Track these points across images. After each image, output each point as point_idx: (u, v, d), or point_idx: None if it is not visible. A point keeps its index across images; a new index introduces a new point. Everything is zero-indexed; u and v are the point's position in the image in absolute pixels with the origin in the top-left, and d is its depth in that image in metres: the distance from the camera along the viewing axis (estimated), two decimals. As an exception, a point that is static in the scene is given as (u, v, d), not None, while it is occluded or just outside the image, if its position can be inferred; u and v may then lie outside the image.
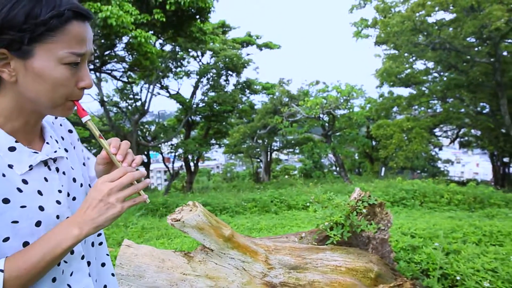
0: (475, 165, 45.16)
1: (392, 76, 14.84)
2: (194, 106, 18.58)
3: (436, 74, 17.23)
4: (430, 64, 16.80)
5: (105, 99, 16.23)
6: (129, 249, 2.10)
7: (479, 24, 11.61)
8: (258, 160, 28.71)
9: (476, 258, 2.80)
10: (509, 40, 14.36)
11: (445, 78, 16.37)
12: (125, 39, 9.69)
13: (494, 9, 10.77)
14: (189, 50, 16.61)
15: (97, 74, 14.20)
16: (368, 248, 3.00)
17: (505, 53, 15.03)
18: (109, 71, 12.27)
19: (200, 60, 18.75)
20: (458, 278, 2.62)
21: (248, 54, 19.78)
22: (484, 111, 16.43)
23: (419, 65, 16.78)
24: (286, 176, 25.20)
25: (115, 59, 11.34)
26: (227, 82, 19.02)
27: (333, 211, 2.63)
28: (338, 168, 16.60)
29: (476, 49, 14.55)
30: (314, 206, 2.86)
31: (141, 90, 17.31)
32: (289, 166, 36.24)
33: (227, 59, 17.03)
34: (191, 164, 20.91)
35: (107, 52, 10.81)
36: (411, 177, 17.58)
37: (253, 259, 2.28)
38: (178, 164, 23.09)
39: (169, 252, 2.19)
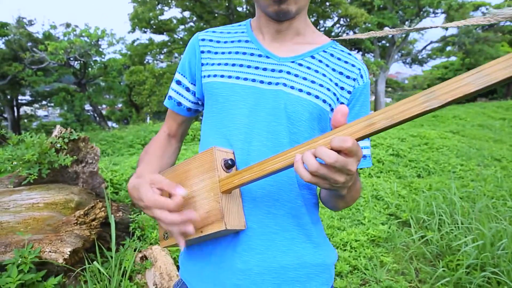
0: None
1: (143, 21, 14.78)
2: None
3: (192, 24, 18.26)
4: (187, 14, 17.67)
5: None
6: None
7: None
8: (1, 117, 23.79)
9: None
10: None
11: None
12: None
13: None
14: None
15: None
16: (78, 183, 3.11)
17: (239, 8, 17.46)
18: None
19: None
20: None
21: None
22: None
23: (177, 13, 17.27)
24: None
25: None
26: None
27: (25, 151, 2.55)
28: (98, 118, 15.81)
29: (217, 1, 16.18)
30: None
31: None
32: (48, 122, 31.74)
33: None
34: None
35: None
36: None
37: None
38: None
39: None
